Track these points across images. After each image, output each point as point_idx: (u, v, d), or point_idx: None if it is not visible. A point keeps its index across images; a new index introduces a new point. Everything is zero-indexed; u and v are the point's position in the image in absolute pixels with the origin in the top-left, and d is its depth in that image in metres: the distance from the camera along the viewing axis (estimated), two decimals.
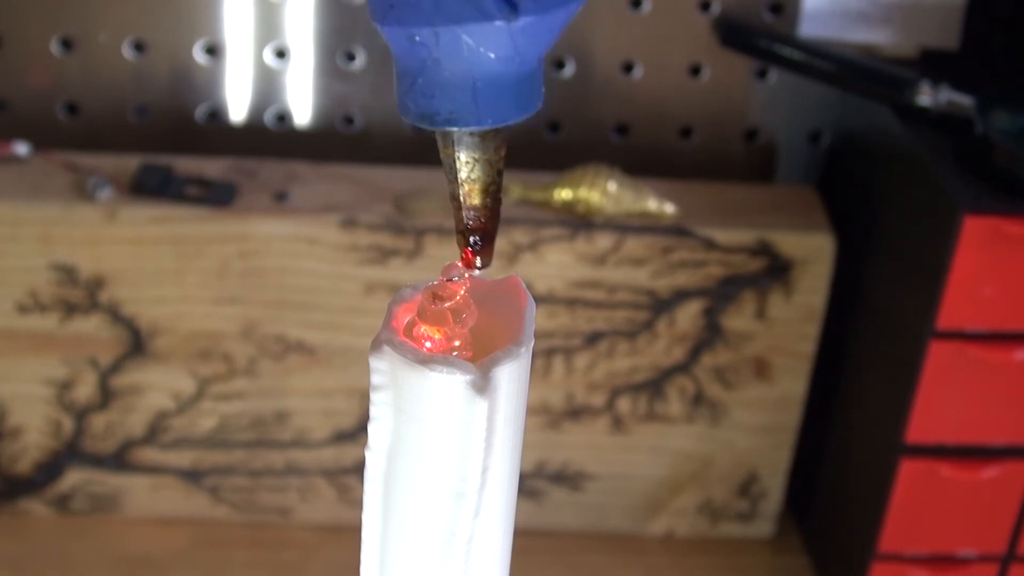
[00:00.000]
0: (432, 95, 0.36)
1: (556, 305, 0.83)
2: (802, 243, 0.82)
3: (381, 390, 0.32)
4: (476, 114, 0.36)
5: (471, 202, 0.39)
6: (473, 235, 0.39)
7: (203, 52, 0.87)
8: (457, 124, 0.37)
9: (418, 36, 0.35)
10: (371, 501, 0.34)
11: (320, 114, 0.90)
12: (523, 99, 0.37)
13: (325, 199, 0.82)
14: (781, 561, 0.92)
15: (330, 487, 0.90)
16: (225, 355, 0.84)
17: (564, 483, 0.90)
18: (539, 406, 0.87)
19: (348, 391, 0.86)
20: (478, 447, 0.31)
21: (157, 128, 0.89)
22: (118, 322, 0.83)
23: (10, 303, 0.82)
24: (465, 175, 0.38)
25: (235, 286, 0.82)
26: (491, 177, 0.38)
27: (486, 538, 0.33)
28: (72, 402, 0.86)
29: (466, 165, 0.38)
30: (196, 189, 0.81)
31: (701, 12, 0.87)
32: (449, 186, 0.39)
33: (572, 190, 0.81)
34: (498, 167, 0.39)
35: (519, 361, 0.32)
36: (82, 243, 0.81)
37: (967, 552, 0.81)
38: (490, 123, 0.37)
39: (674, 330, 0.85)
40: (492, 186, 0.39)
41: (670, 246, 0.82)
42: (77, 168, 0.82)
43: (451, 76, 0.35)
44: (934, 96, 0.77)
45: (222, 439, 0.87)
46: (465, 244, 0.39)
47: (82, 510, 0.90)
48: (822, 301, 0.84)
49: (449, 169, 0.38)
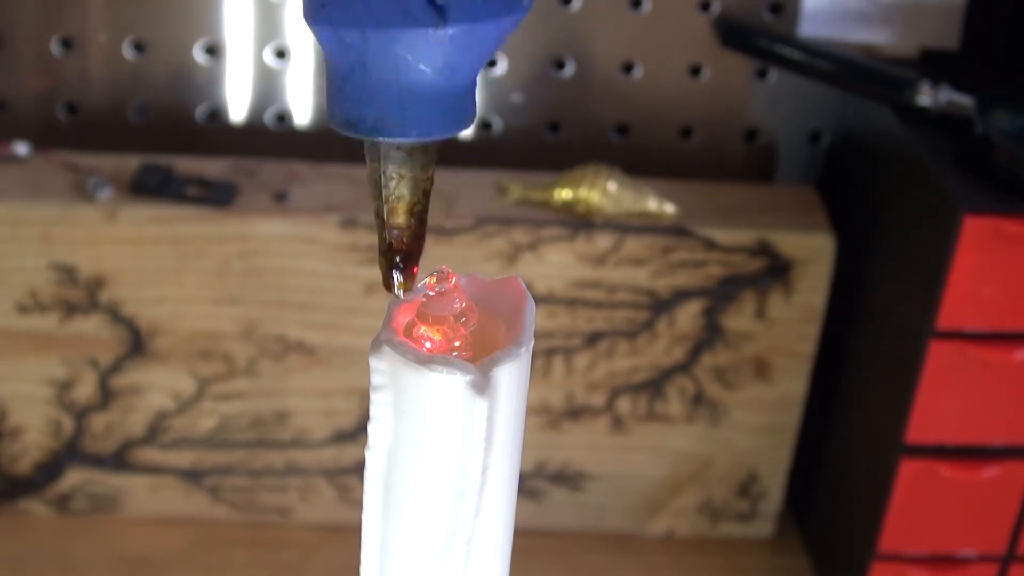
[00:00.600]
0: (358, 101, 0.35)
1: (556, 305, 0.83)
2: (802, 243, 0.82)
3: (381, 390, 0.32)
4: (402, 124, 0.35)
5: (394, 220, 0.37)
6: (394, 255, 0.37)
7: (203, 52, 0.87)
8: (382, 133, 0.36)
9: (347, 38, 0.34)
10: (371, 501, 0.34)
11: (320, 114, 0.90)
12: (451, 115, 0.36)
13: (325, 199, 0.82)
14: (781, 561, 0.92)
15: (330, 487, 0.90)
16: (225, 355, 0.84)
17: (564, 483, 0.90)
18: (539, 406, 0.87)
19: (348, 391, 0.86)
20: (478, 447, 0.31)
21: (157, 128, 0.89)
22: (118, 322, 0.83)
23: (10, 303, 0.82)
24: (390, 191, 0.37)
25: (235, 286, 0.82)
26: (416, 196, 0.37)
27: (486, 538, 0.33)
28: (72, 402, 0.86)
29: (391, 181, 0.37)
30: (196, 189, 0.81)
31: (701, 12, 0.87)
32: (373, 203, 0.38)
33: (572, 190, 0.81)
34: (424, 187, 0.38)
35: (519, 361, 0.32)
36: (82, 243, 0.81)
37: (967, 552, 0.81)
38: (415, 135, 0.36)
39: (674, 330, 0.85)
40: (417, 206, 0.37)
41: (670, 246, 0.82)
42: (77, 168, 0.82)
43: (378, 82, 0.35)
44: (934, 96, 0.77)
45: (222, 439, 0.87)
46: (386, 266, 0.38)
47: (82, 510, 0.90)
48: (822, 301, 0.84)
49: (374, 184, 0.37)
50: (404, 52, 0.34)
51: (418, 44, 0.34)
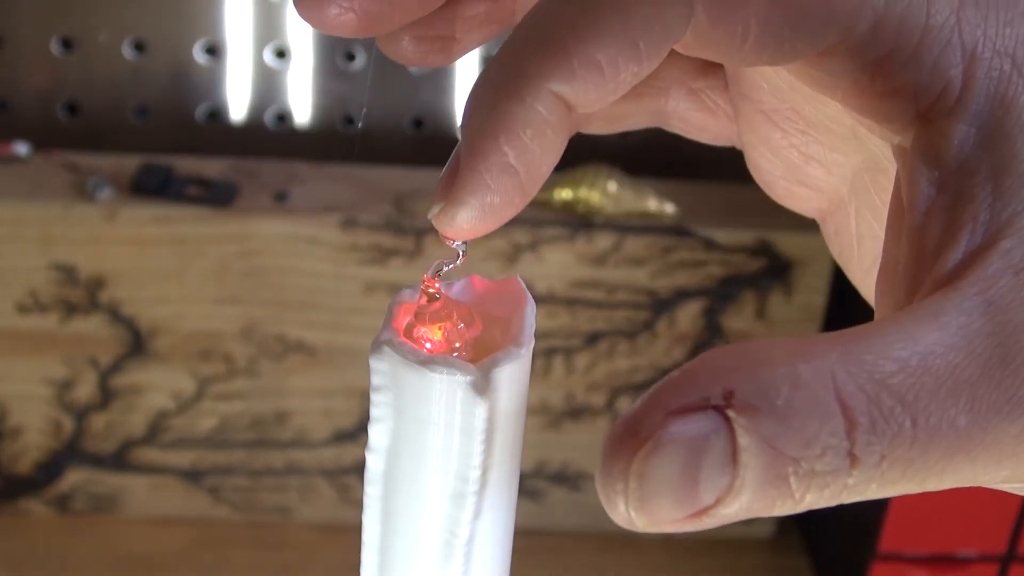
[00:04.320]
0: None
1: (556, 305, 0.83)
2: (802, 243, 0.82)
3: (381, 391, 0.32)
4: None
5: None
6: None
7: (203, 52, 0.87)
8: None
9: None
10: (371, 502, 0.34)
11: (320, 114, 0.90)
12: None
13: (325, 199, 0.82)
14: (781, 561, 0.92)
15: (330, 487, 0.90)
16: (225, 355, 0.84)
17: (564, 483, 0.90)
18: (539, 406, 0.87)
19: (348, 391, 0.86)
20: (478, 448, 0.31)
21: (157, 128, 0.89)
22: (118, 322, 0.83)
23: (10, 303, 0.82)
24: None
25: (235, 286, 0.82)
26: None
27: (486, 539, 0.33)
28: (72, 402, 0.86)
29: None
30: (196, 189, 0.81)
31: None
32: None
33: (572, 190, 0.81)
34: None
35: (520, 362, 0.32)
36: (82, 243, 0.81)
37: (967, 552, 0.81)
38: None
39: (674, 330, 0.85)
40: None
41: (670, 246, 0.82)
42: (77, 168, 0.82)
43: None
44: None
45: (222, 439, 0.87)
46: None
47: (82, 510, 0.90)
48: (822, 301, 0.84)
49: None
50: None
51: None
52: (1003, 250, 0.24)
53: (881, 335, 0.24)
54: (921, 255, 0.25)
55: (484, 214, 0.27)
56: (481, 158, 0.26)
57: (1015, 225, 0.24)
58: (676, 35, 0.25)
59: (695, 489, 0.23)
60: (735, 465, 0.23)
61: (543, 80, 0.26)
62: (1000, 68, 0.25)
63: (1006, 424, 0.24)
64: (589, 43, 0.25)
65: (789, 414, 0.23)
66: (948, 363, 0.23)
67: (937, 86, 0.25)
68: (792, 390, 0.23)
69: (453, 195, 0.27)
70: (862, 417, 0.23)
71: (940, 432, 0.23)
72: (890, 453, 0.23)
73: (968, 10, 0.25)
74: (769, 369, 0.23)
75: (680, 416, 0.23)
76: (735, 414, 0.23)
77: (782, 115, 0.33)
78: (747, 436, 0.23)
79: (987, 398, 0.23)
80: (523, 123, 0.26)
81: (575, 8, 0.26)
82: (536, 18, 0.26)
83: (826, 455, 0.23)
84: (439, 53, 0.32)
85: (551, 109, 0.26)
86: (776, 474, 0.23)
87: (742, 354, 0.23)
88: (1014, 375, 0.24)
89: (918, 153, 0.26)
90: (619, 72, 0.25)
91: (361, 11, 0.29)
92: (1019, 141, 0.25)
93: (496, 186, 0.27)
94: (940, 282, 0.25)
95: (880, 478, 0.23)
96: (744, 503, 0.23)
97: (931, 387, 0.23)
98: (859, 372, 0.23)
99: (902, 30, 0.25)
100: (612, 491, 0.24)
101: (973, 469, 0.24)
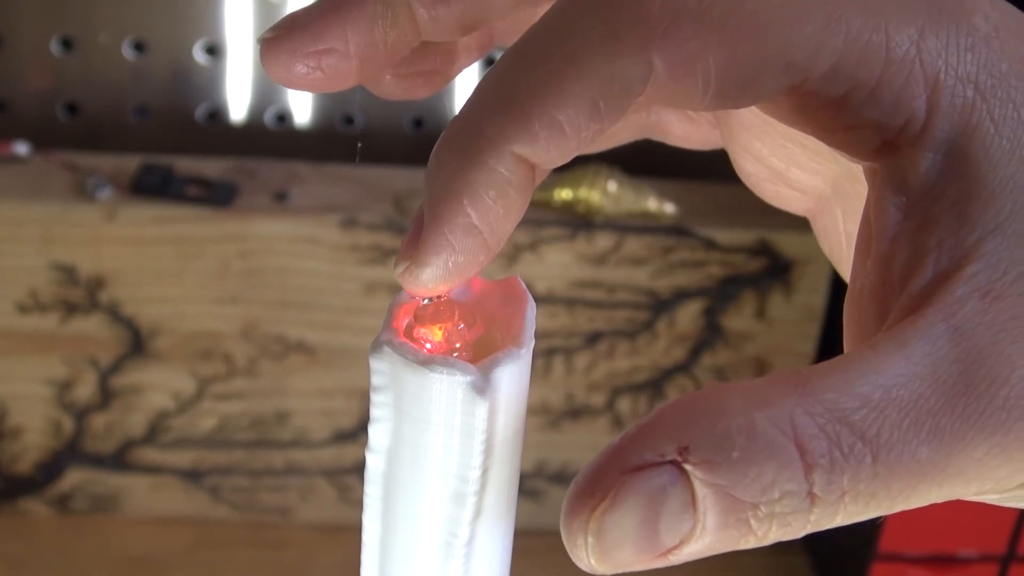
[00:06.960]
0: None
1: (556, 305, 0.83)
2: (802, 243, 0.82)
3: (381, 391, 0.32)
4: None
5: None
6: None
7: (203, 52, 0.87)
8: None
9: None
10: (371, 502, 0.34)
11: (320, 114, 0.90)
12: None
13: (325, 199, 0.82)
14: (781, 561, 0.92)
15: (330, 487, 0.90)
16: (225, 355, 0.84)
17: (564, 483, 0.90)
18: (539, 406, 0.87)
19: (348, 391, 0.86)
20: (478, 448, 0.31)
21: (157, 128, 0.89)
22: (118, 322, 0.83)
23: (10, 303, 0.82)
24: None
25: (235, 286, 0.82)
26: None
27: (486, 540, 0.33)
28: (72, 402, 0.86)
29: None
30: (196, 189, 0.81)
31: None
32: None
33: (572, 190, 0.81)
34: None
35: (520, 362, 0.32)
36: (82, 243, 0.81)
37: (967, 552, 0.81)
38: None
39: (674, 330, 0.85)
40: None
41: (670, 246, 0.82)
42: (77, 168, 0.82)
43: None
44: None
45: (222, 439, 0.87)
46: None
47: (82, 510, 0.90)
48: (822, 301, 0.84)
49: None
50: None
51: None
52: (968, 275, 0.24)
53: (844, 371, 0.24)
54: (888, 281, 0.26)
55: (448, 273, 0.28)
56: (445, 220, 0.28)
57: (981, 250, 0.24)
58: (636, 91, 0.25)
59: (655, 537, 0.24)
60: (695, 511, 0.23)
61: (505, 142, 0.26)
62: (963, 95, 0.25)
63: (969, 449, 0.24)
64: (549, 105, 0.25)
65: (744, 465, 0.23)
66: (912, 393, 0.24)
67: (900, 118, 0.25)
68: (748, 440, 0.23)
69: (418, 256, 0.28)
70: (822, 459, 0.23)
71: (901, 465, 0.23)
72: (851, 488, 0.23)
73: (928, 40, 0.25)
74: (724, 422, 0.23)
75: (637, 473, 0.24)
76: (691, 468, 0.23)
77: (760, 129, 0.33)
78: (704, 488, 0.23)
79: (950, 427, 0.24)
80: (486, 185, 0.27)
81: (535, 69, 0.26)
82: (496, 79, 0.26)
83: (784, 498, 0.23)
84: (422, 88, 0.33)
85: (513, 170, 0.26)
86: (736, 518, 0.23)
87: (698, 407, 0.24)
88: (978, 399, 0.24)
89: (885, 180, 0.26)
90: (580, 131, 0.26)
91: (328, 69, 0.30)
92: (984, 166, 0.25)
93: (460, 246, 0.28)
94: (907, 309, 0.25)
95: (844, 511, 0.24)
96: (707, 543, 0.24)
97: (894, 420, 0.23)
98: (820, 412, 0.23)
99: (861, 67, 0.25)
100: (574, 545, 0.25)
101: (940, 492, 0.24)
